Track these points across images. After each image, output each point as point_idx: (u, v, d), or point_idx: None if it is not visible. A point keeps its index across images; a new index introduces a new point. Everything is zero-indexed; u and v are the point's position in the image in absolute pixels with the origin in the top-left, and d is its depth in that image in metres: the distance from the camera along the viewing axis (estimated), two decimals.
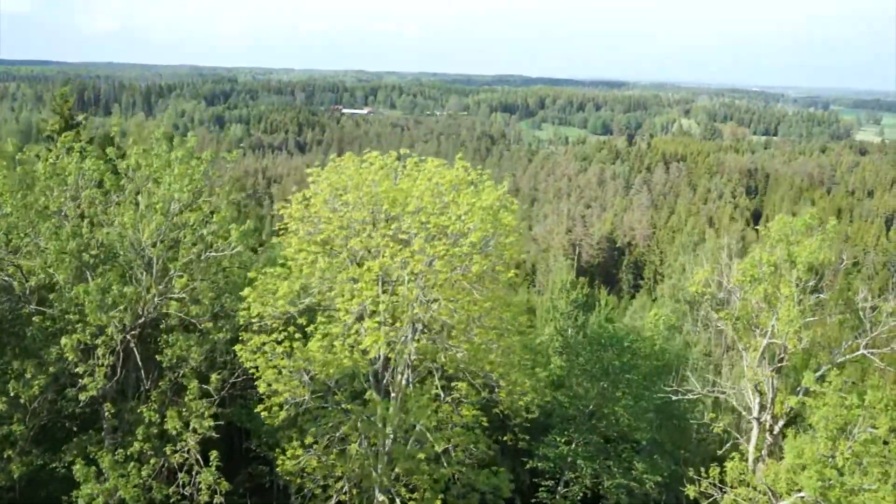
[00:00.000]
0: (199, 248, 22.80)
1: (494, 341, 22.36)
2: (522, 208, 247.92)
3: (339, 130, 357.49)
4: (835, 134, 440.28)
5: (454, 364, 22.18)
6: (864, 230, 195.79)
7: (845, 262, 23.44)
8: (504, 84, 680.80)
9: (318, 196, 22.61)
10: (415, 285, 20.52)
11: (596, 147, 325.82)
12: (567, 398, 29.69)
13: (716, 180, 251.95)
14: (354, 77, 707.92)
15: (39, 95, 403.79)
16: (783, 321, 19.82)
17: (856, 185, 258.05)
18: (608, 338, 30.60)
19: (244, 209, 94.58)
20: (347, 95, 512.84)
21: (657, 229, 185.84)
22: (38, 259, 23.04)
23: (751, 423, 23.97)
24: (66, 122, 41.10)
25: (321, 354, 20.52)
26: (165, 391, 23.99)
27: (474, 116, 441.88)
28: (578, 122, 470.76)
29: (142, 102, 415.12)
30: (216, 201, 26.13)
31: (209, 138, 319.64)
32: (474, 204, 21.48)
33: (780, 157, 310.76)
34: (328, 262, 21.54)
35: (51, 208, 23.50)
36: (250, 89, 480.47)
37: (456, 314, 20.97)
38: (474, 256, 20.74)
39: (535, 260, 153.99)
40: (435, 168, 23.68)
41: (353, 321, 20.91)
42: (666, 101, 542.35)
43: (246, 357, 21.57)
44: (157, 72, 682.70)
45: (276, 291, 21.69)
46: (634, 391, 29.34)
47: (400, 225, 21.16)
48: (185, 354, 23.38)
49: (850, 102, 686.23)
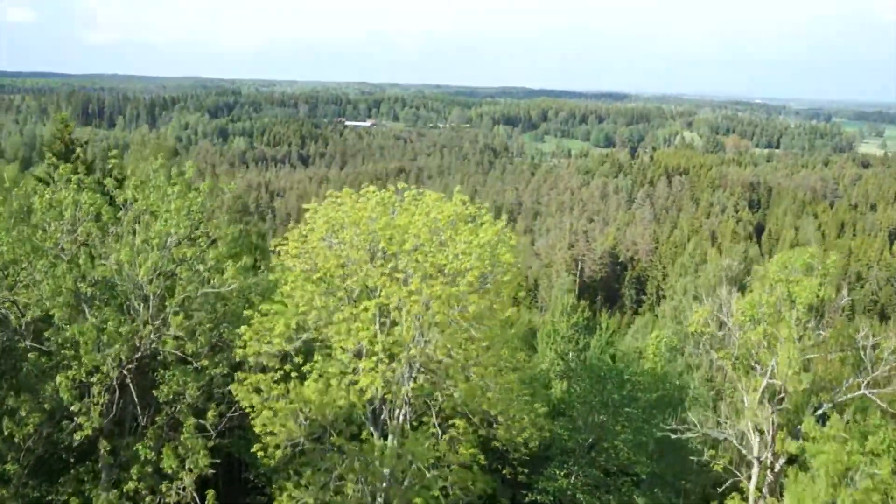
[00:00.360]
0: (194, 285, 22.65)
1: (492, 379, 22.19)
2: (525, 222, 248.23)
3: (341, 143, 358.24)
4: (837, 146, 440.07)
5: (451, 403, 22.00)
6: (866, 244, 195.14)
7: (846, 299, 23.20)
8: (507, 96, 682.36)
9: (314, 233, 22.50)
10: (411, 326, 20.37)
11: (598, 160, 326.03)
12: (566, 431, 29.46)
13: (718, 194, 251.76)
14: (357, 89, 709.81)
15: (44, 108, 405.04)
16: (783, 363, 19.63)
17: (858, 198, 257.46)
18: (608, 370, 30.39)
19: (246, 227, 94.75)
20: (350, 108, 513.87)
21: (660, 244, 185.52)
22: (34, 293, 22.92)
23: (751, 460, 23.74)
24: (67, 146, 41.05)
25: (317, 396, 20.35)
26: (162, 426, 23.84)
27: (477, 129, 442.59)
28: (581, 135, 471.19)
29: (146, 115, 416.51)
30: (215, 233, 26.07)
31: (212, 151, 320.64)
32: (472, 242, 21.34)
33: (782, 170, 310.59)
34: (325, 300, 21.39)
35: (47, 244, 23.33)
36: (254, 101, 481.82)
37: (453, 354, 20.81)
38: (471, 296, 20.58)
39: (537, 275, 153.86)
40: (433, 202, 23.57)
41: (350, 360, 20.74)
42: (668, 114, 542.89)
43: (242, 396, 21.40)
44: (161, 83, 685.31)
45: (272, 329, 21.54)
46: (634, 425, 29.10)
47: (397, 264, 21.02)
48: (181, 389, 23.25)
49: (852, 114, 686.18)
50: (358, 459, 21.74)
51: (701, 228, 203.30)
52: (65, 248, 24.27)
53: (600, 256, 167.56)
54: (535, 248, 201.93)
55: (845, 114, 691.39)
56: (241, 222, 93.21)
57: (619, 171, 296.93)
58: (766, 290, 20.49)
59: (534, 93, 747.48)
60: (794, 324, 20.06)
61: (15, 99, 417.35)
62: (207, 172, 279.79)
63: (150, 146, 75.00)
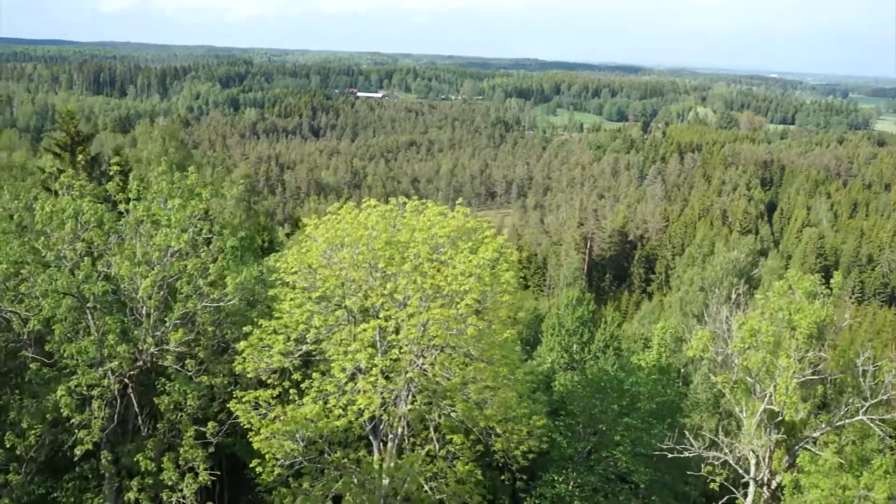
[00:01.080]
0: (193, 301, 22.70)
1: (490, 398, 22.24)
2: (535, 198, 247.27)
3: (353, 115, 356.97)
4: (853, 123, 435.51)
5: (449, 422, 22.08)
6: (879, 226, 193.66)
7: (848, 321, 23.02)
8: (520, 68, 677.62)
9: (312, 252, 22.47)
10: (409, 349, 20.40)
11: (611, 136, 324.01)
12: (565, 438, 29.55)
13: (730, 172, 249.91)
14: (370, 59, 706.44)
15: (55, 76, 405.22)
16: (780, 391, 19.58)
17: (873, 178, 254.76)
18: (608, 380, 30.39)
19: (254, 205, 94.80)
20: (362, 79, 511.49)
21: (670, 222, 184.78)
22: (35, 304, 23.01)
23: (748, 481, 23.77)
24: (73, 139, 41.07)
25: (315, 415, 20.46)
26: (163, 435, 24.02)
27: (489, 101, 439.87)
28: (594, 109, 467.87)
29: (157, 84, 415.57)
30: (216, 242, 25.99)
31: (223, 121, 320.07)
32: (471, 261, 21.27)
33: (796, 147, 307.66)
34: (323, 318, 21.41)
35: (48, 256, 23.36)
36: (265, 71, 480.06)
37: (451, 375, 20.84)
38: (469, 318, 20.56)
39: (546, 253, 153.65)
40: (434, 217, 23.48)
41: (348, 379, 20.80)
42: (682, 88, 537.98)
43: (241, 413, 21.52)
44: (173, 52, 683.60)
45: (271, 345, 21.60)
46: (632, 435, 29.17)
47: (396, 285, 20.99)
48: (181, 400, 23.41)
49: (869, 90, 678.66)
50: (356, 477, 21.90)
51: (712, 207, 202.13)
52: (67, 258, 24.30)
53: (610, 235, 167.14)
54: (544, 224, 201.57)
55: (863, 90, 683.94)
56: (250, 202, 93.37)
57: (630, 146, 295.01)
58: (766, 318, 20.36)
59: (547, 65, 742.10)
60: (794, 352, 19.96)
61: (27, 67, 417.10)
62: (218, 143, 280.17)
63: (158, 129, 74.87)
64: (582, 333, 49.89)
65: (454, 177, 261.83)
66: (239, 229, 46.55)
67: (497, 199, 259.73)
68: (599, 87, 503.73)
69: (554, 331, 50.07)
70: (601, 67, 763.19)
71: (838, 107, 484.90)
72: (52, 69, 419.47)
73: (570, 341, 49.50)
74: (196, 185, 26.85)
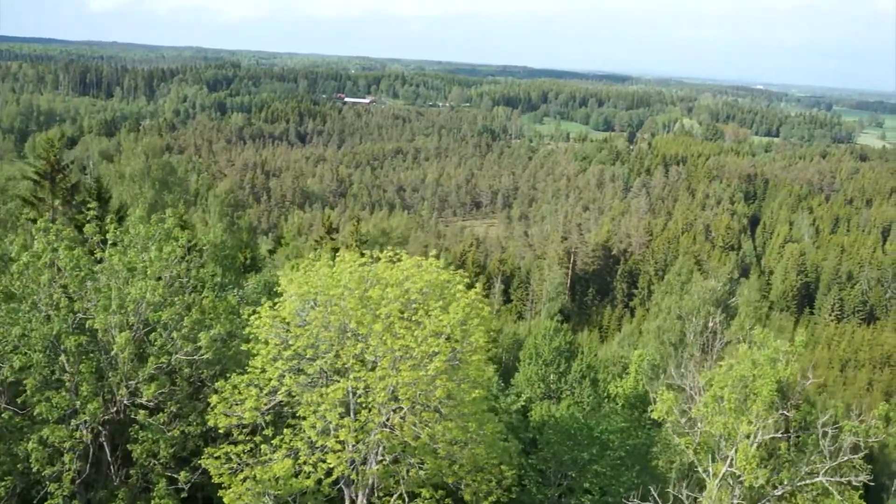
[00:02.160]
0: (166, 357, 22.93)
1: (459, 453, 22.57)
2: (521, 208, 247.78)
3: (340, 121, 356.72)
4: (837, 137, 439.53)
5: (418, 480, 22.37)
6: (860, 241, 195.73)
7: (811, 381, 23.52)
8: (508, 75, 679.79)
9: (285, 307, 22.74)
10: (377, 412, 20.71)
11: (597, 147, 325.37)
12: (534, 484, 29.89)
13: (715, 185, 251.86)
14: (358, 63, 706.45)
15: (41, 76, 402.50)
16: (741, 458, 20.04)
17: (855, 193, 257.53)
18: (578, 428, 30.78)
19: (237, 220, 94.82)
20: (350, 84, 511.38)
21: (653, 237, 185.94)
22: (10, 351, 23.12)
23: None
24: (53, 167, 41.19)
25: (285, 473, 20.71)
26: (136, 481, 24.17)
27: (476, 109, 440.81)
28: (580, 118, 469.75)
29: (144, 86, 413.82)
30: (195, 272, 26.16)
31: (210, 126, 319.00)
32: (442, 321, 21.60)
33: (780, 160, 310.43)
34: (294, 378, 21.67)
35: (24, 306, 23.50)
36: (253, 75, 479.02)
37: (419, 434, 21.14)
38: (438, 380, 20.86)
39: (529, 266, 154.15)
40: (408, 269, 23.82)
41: (318, 437, 21.05)
42: (669, 99, 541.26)
43: (212, 468, 21.72)
44: (161, 53, 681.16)
45: (243, 402, 21.83)
46: (601, 482, 29.58)
47: (367, 345, 21.28)
48: (154, 449, 23.60)
49: (853, 103, 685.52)
50: None
51: (696, 221, 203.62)
52: (42, 303, 24.42)
53: (593, 249, 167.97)
54: (528, 237, 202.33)
55: (847, 102, 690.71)
56: (233, 217, 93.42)
57: (616, 158, 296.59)
58: (729, 386, 20.82)
59: (536, 72, 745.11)
60: (756, 418, 20.43)
61: (12, 66, 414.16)
62: (204, 148, 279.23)
63: (141, 145, 74.95)
64: (559, 364, 50.42)
65: (440, 186, 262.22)
66: (222, 249, 46.96)
67: (482, 209, 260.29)
68: (587, 97, 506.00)
69: (531, 360, 50.56)
70: (590, 76, 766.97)
71: (822, 119, 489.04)
72: (38, 68, 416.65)
73: (546, 371, 50.02)
74: (173, 229, 27.14)
